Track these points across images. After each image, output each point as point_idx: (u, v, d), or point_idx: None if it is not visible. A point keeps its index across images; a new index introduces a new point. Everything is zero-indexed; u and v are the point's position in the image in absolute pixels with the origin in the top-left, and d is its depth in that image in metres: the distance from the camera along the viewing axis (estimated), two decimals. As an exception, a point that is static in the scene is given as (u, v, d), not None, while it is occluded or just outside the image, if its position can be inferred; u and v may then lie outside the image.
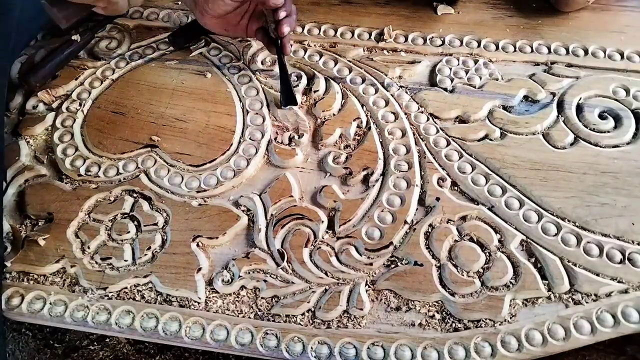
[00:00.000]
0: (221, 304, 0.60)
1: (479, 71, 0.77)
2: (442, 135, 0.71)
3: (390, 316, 0.58)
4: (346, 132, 0.71)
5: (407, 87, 0.76)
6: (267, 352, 0.57)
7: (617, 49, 0.79)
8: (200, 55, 0.80)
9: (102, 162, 0.70)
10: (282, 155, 0.69)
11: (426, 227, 0.63)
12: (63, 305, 0.60)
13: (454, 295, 0.59)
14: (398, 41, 0.81)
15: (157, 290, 0.61)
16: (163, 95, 0.76)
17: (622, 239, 0.62)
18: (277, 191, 0.66)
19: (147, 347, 0.72)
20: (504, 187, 0.66)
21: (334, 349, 0.56)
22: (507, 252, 0.61)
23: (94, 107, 0.75)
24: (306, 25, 0.83)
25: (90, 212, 0.66)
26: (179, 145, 0.71)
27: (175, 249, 0.63)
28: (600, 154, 0.68)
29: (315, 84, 0.76)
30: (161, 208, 0.66)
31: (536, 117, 0.72)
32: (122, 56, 0.80)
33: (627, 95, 0.73)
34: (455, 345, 0.56)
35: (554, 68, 0.77)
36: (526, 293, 0.59)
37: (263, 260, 0.62)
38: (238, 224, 0.64)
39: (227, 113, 0.74)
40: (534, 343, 0.56)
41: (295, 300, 0.59)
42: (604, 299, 0.58)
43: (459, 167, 0.68)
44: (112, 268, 0.62)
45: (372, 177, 0.67)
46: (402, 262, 0.61)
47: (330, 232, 0.64)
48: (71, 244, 0.63)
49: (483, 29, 0.82)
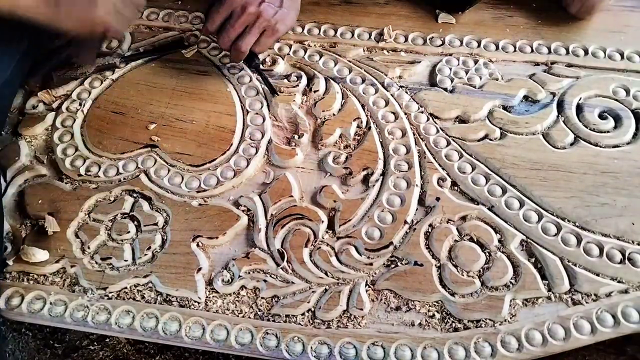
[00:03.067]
0: (221, 304, 0.60)
1: (479, 71, 0.77)
2: (442, 135, 0.71)
3: (390, 316, 0.58)
4: (346, 132, 0.71)
5: (407, 87, 0.76)
6: (267, 352, 0.57)
7: (617, 49, 0.79)
8: (200, 55, 0.80)
9: (102, 162, 0.70)
10: (282, 155, 0.69)
11: (426, 227, 0.63)
12: (63, 305, 0.60)
13: (454, 295, 0.59)
14: (398, 41, 0.81)
15: (157, 290, 0.61)
16: (163, 95, 0.76)
17: (622, 239, 0.62)
18: (277, 191, 0.66)
19: (147, 347, 0.72)
20: (504, 187, 0.66)
21: (334, 349, 0.56)
22: (507, 252, 0.61)
23: (94, 107, 0.75)
24: (306, 25, 0.83)
25: (90, 212, 0.66)
26: (179, 145, 0.71)
27: (175, 249, 0.63)
28: (600, 154, 0.68)
29: (315, 84, 0.76)
30: (161, 208, 0.66)
31: (536, 117, 0.72)
32: (121, 56, 0.80)
33: (627, 95, 0.73)
34: (455, 345, 0.56)
35: (554, 68, 0.77)
36: (526, 293, 0.59)
37: (263, 260, 0.62)
38: (238, 224, 0.64)
39: (227, 113, 0.74)
40: (534, 343, 0.56)
41: (295, 300, 0.59)
42: (604, 299, 0.58)
43: (459, 167, 0.68)
44: (112, 268, 0.62)
45: (372, 177, 0.67)
46: (402, 262, 0.61)
47: (330, 232, 0.64)
48: (71, 244, 0.63)
49: (483, 29, 0.82)
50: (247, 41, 0.69)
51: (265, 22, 0.69)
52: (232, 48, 0.70)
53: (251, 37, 0.69)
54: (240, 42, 0.69)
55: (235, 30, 0.69)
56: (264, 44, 0.72)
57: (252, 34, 0.69)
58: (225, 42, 0.70)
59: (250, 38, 0.69)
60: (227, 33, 0.69)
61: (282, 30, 0.71)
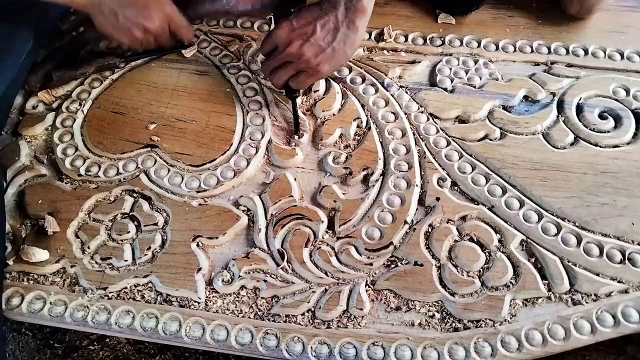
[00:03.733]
0: (221, 304, 0.60)
1: (479, 71, 0.77)
2: (442, 135, 0.71)
3: (390, 316, 0.58)
4: (346, 132, 0.71)
5: (407, 87, 0.76)
6: (267, 352, 0.57)
7: (617, 49, 0.79)
8: (201, 55, 0.80)
9: (102, 162, 0.70)
10: (282, 155, 0.69)
11: (426, 227, 0.63)
12: (63, 305, 0.60)
13: (454, 295, 0.59)
14: (398, 41, 0.81)
15: (157, 290, 0.61)
16: (163, 95, 0.76)
17: (622, 239, 0.62)
18: (277, 191, 0.66)
19: (147, 347, 0.72)
20: (504, 187, 0.66)
21: (334, 349, 0.56)
22: (507, 252, 0.61)
23: (94, 107, 0.75)
24: (306, 25, 0.83)
25: (90, 212, 0.66)
26: (179, 145, 0.71)
27: (175, 249, 0.63)
28: (600, 154, 0.68)
29: (315, 84, 0.75)
30: (161, 208, 0.66)
31: (536, 117, 0.72)
32: (122, 56, 0.80)
33: (627, 95, 0.73)
34: (455, 345, 0.56)
35: (554, 68, 0.77)
36: (526, 293, 0.59)
37: (263, 260, 0.62)
38: (238, 224, 0.64)
39: (227, 113, 0.74)
40: (534, 343, 0.56)
41: (295, 300, 0.59)
42: (604, 299, 0.58)
43: (459, 167, 0.68)
44: (112, 268, 0.62)
45: (372, 177, 0.67)
46: (402, 262, 0.61)
47: (330, 232, 0.64)
48: (71, 244, 0.63)
49: (483, 29, 0.82)
50: (279, 77, 0.68)
51: (303, 64, 0.66)
52: (269, 78, 0.70)
53: (285, 73, 0.68)
54: (274, 75, 0.69)
55: (274, 64, 0.68)
56: (301, 83, 0.69)
57: (287, 71, 0.68)
58: (264, 71, 0.70)
59: (283, 74, 0.68)
60: (267, 64, 0.69)
61: (326, 70, 0.67)
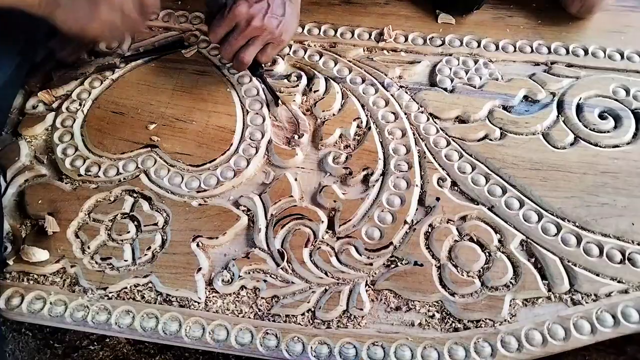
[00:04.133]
0: (221, 304, 0.60)
1: (479, 71, 0.77)
2: (442, 135, 0.71)
3: (390, 316, 0.58)
4: (346, 132, 0.71)
5: (407, 87, 0.76)
6: (267, 352, 0.57)
7: (617, 49, 0.79)
8: (200, 55, 0.80)
9: (102, 162, 0.69)
10: (282, 155, 0.69)
11: (426, 227, 0.63)
12: (63, 305, 0.60)
13: (454, 295, 0.59)
14: (398, 41, 0.81)
15: (157, 290, 0.61)
16: (163, 95, 0.76)
17: (622, 239, 0.62)
18: (277, 191, 0.66)
19: (147, 347, 0.72)
20: (504, 187, 0.66)
21: (334, 349, 0.56)
22: (507, 252, 0.61)
23: (94, 107, 0.75)
24: (306, 25, 0.83)
25: (90, 212, 0.66)
26: (179, 145, 0.71)
27: (175, 249, 0.63)
28: (600, 154, 0.68)
29: (315, 84, 0.76)
30: (161, 208, 0.66)
31: (536, 117, 0.72)
32: (121, 56, 0.80)
33: (627, 95, 0.73)
34: (455, 345, 0.56)
35: (554, 68, 0.77)
36: (526, 293, 0.59)
37: (263, 260, 0.62)
38: (238, 224, 0.64)
39: (227, 113, 0.74)
40: (534, 343, 0.56)
41: (295, 300, 0.59)
42: (604, 299, 0.58)
43: (459, 167, 0.68)
44: (112, 268, 0.62)
45: (372, 177, 0.67)
46: (402, 262, 0.61)
47: (330, 232, 0.64)
48: (71, 244, 0.63)
49: (483, 29, 0.82)
50: (250, 52, 0.69)
51: (269, 35, 0.68)
52: (235, 59, 0.70)
53: (254, 48, 0.68)
54: (243, 53, 0.68)
55: (239, 43, 0.68)
56: (269, 55, 0.71)
57: (256, 46, 0.68)
58: (227, 54, 0.69)
59: (253, 50, 0.68)
60: (230, 45, 0.68)
61: (287, 39, 0.71)
